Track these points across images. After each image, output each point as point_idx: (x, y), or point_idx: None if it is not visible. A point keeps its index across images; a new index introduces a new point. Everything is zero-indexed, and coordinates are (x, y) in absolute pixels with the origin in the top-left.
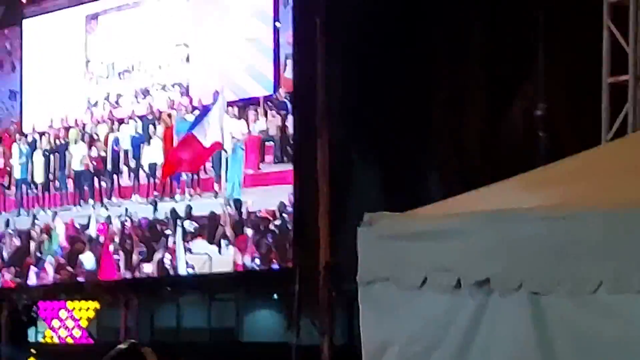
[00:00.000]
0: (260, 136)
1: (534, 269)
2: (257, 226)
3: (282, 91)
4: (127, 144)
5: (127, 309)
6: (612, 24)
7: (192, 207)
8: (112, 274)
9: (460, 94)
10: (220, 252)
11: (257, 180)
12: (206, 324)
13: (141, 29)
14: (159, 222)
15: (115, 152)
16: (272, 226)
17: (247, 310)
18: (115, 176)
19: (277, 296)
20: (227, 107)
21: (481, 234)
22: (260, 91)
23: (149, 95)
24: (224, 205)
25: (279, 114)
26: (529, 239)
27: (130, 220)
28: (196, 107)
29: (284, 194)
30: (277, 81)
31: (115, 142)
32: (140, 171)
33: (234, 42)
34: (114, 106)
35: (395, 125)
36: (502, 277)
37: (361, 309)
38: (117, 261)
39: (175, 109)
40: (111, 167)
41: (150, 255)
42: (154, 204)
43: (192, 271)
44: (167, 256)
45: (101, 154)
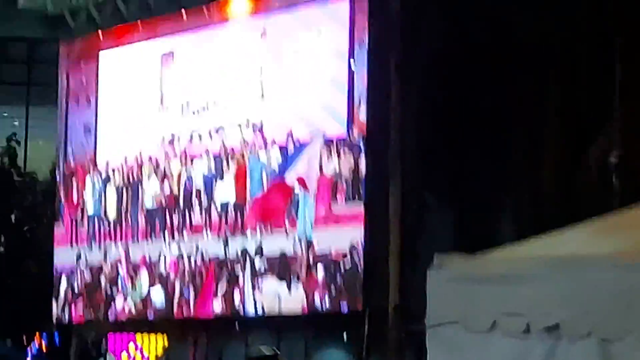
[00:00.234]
0: (332, 176)
1: (604, 316)
2: (327, 266)
3: (355, 131)
4: (199, 181)
5: (195, 345)
6: None
7: (263, 245)
8: (182, 310)
9: (536, 138)
10: (289, 291)
11: (329, 220)
12: None
13: (217, 66)
14: (229, 259)
15: (187, 188)
16: (342, 266)
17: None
18: (187, 213)
19: (346, 337)
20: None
21: (553, 279)
22: (335, 130)
23: (222, 132)
24: (295, 244)
25: (352, 155)
26: (601, 286)
27: (201, 257)
28: (269, 146)
29: (355, 235)
30: (351, 121)
31: (188, 178)
32: (212, 208)
33: (309, 81)
34: (187, 143)
35: (469, 167)
36: (572, 323)
37: (429, 352)
38: (186, 298)
39: (248, 148)
40: (183, 204)
41: (220, 292)
42: (225, 241)
43: (261, 310)
44: (236, 294)
45: (173, 191)
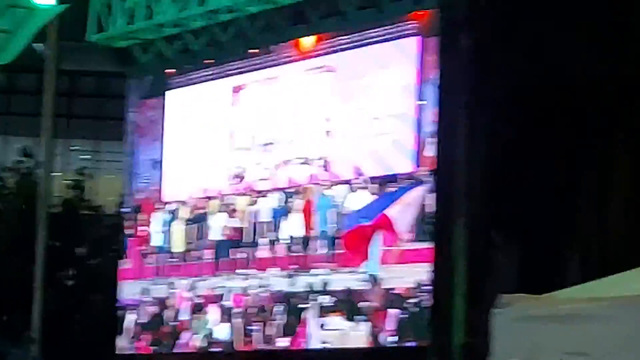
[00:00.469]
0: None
1: None
2: (393, 303)
3: (422, 169)
4: (266, 216)
5: None
6: None
7: (329, 281)
8: (246, 346)
9: (604, 177)
10: (355, 328)
11: (395, 257)
12: None
13: (284, 102)
14: (295, 295)
15: (254, 223)
16: (408, 304)
17: None
18: (253, 248)
19: None
20: (366, 184)
21: (618, 319)
22: (403, 166)
23: (289, 168)
24: (361, 280)
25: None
26: None
27: (266, 292)
28: (335, 182)
29: (422, 272)
30: (419, 158)
31: (254, 213)
32: (278, 244)
33: (377, 117)
34: (254, 178)
35: (536, 207)
36: None
37: None
38: (251, 333)
39: (315, 183)
40: (249, 239)
41: (285, 328)
42: (291, 277)
43: (326, 346)
44: (301, 330)
45: (240, 225)
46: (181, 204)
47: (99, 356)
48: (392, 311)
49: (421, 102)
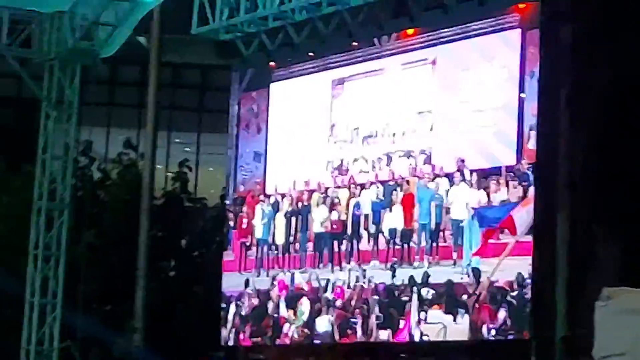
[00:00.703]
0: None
1: None
2: (494, 296)
3: (524, 162)
4: (367, 208)
5: None
6: None
7: (430, 274)
8: (347, 339)
9: None
10: (455, 321)
11: (497, 250)
12: None
13: (386, 95)
14: (396, 288)
15: (355, 216)
16: (509, 297)
17: None
18: (354, 240)
19: None
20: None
21: None
22: (505, 159)
23: (391, 161)
24: (462, 273)
25: (521, 185)
26: None
27: (367, 285)
28: (437, 175)
29: (523, 265)
30: (520, 152)
31: (356, 206)
32: (379, 236)
33: (479, 108)
34: (356, 171)
35: (638, 200)
36: None
37: None
38: (353, 325)
39: (417, 176)
40: (351, 231)
41: (386, 321)
42: (392, 269)
43: (426, 339)
44: (402, 323)
45: (342, 218)
46: (283, 196)
47: (201, 347)
48: (493, 304)
49: (523, 94)
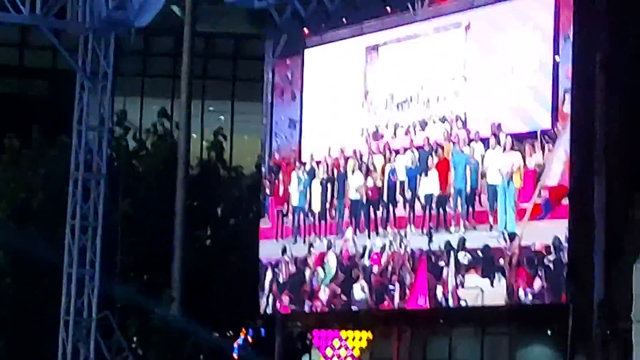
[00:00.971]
0: (536, 170)
1: None
2: (531, 260)
3: (559, 125)
4: (403, 174)
5: (399, 340)
6: None
7: (466, 239)
8: (384, 304)
9: None
10: (492, 285)
11: (532, 214)
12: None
13: (420, 61)
14: (433, 253)
15: (391, 182)
16: (546, 261)
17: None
18: (390, 206)
19: (550, 332)
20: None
21: None
22: (541, 122)
23: (426, 126)
24: (498, 238)
25: (556, 149)
26: None
27: (404, 250)
28: (473, 139)
29: (559, 229)
30: (555, 115)
31: (391, 172)
32: (415, 202)
33: (514, 74)
34: (391, 136)
35: None
36: None
37: (635, 347)
38: (390, 291)
39: (452, 141)
40: (387, 198)
41: (423, 286)
42: (428, 235)
43: (464, 303)
44: (439, 288)
45: (377, 184)
46: (319, 163)
47: (239, 315)
48: (530, 269)
49: (557, 57)
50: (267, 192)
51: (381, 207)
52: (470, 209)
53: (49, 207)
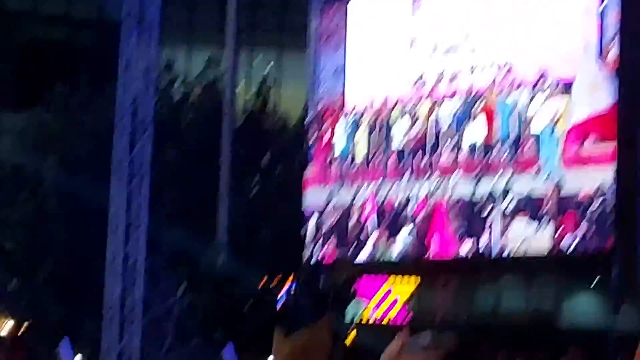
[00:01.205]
0: (581, 116)
1: None
2: (576, 207)
3: (605, 71)
4: (448, 122)
5: (445, 289)
6: None
7: (512, 186)
8: (431, 252)
9: None
10: (537, 232)
11: (578, 160)
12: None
13: (466, 8)
14: (478, 200)
15: (437, 129)
16: (592, 207)
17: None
18: (436, 154)
19: (596, 281)
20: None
21: None
22: (587, 68)
23: (471, 73)
24: (543, 185)
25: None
26: None
27: (449, 197)
28: (519, 85)
29: (605, 176)
30: (602, 61)
31: (437, 120)
32: (461, 149)
33: (560, 20)
34: (436, 84)
35: None
36: None
37: None
38: (435, 239)
39: (497, 88)
40: (432, 145)
41: (469, 233)
42: (474, 182)
43: (508, 251)
44: (485, 235)
45: (423, 132)
46: (364, 110)
47: (285, 262)
48: (575, 215)
49: (605, 2)
50: (312, 140)
51: (426, 155)
52: (515, 155)
53: (97, 155)
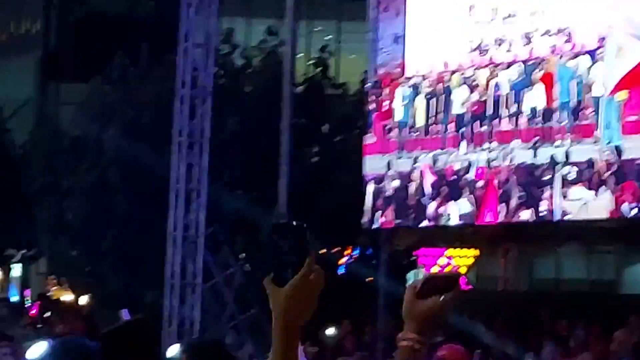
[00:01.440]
0: None
1: None
2: (636, 173)
3: None
4: (507, 88)
5: (505, 258)
6: None
7: (572, 152)
8: (491, 220)
9: None
10: (597, 198)
11: (638, 127)
12: (585, 274)
13: None
14: (538, 167)
15: (496, 96)
16: None
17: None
18: (495, 120)
19: None
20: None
21: None
22: None
23: (531, 39)
24: (603, 151)
25: None
26: None
27: (509, 164)
28: (579, 52)
29: None
30: None
31: (496, 86)
32: (520, 116)
33: None
34: (496, 50)
35: None
36: None
37: None
38: (496, 207)
39: (557, 54)
40: (492, 112)
41: (529, 201)
42: (534, 148)
43: (568, 217)
44: (545, 203)
45: (482, 99)
46: (423, 78)
47: (345, 230)
48: (636, 181)
49: None
50: (372, 107)
51: (486, 121)
52: (575, 122)
53: (158, 124)
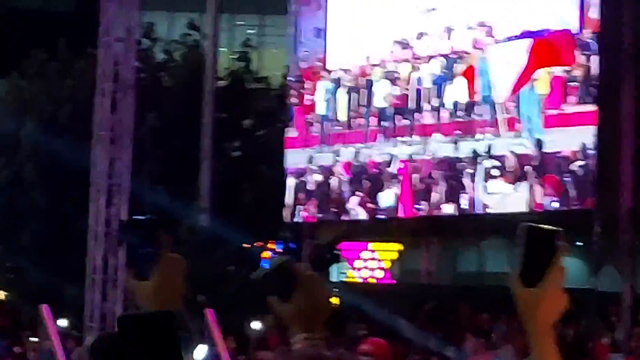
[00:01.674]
0: (563, 76)
1: None
2: (557, 166)
3: (586, 32)
4: (429, 82)
5: (428, 251)
6: None
7: (493, 146)
8: (412, 213)
9: None
10: (518, 191)
11: (559, 120)
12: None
13: None
14: (459, 160)
15: (417, 90)
16: (573, 167)
17: None
18: (417, 114)
19: (577, 240)
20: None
21: None
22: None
23: (452, 33)
24: (524, 144)
25: (584, 55)
26: None
27: (430, 158)
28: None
29: (586, 135)
30: (582, 21)
31: (417, 80)
32: (442, 110)
33: None
34: (417, 44)
35: None
36: None
37: None
38: (418, 200)
39: (478, 48)
40: (413, 105)
41: (451, 194)
42: (455, 142)
43: (489, 211)
44: (466, 196)
45: (403, 92)
46: (345, 72)
47: (267, 225)
48: (556, 175)
49: None
50: (294, 101)
51: (408, 115)
52: (496, 116)
53: (78, 119)
